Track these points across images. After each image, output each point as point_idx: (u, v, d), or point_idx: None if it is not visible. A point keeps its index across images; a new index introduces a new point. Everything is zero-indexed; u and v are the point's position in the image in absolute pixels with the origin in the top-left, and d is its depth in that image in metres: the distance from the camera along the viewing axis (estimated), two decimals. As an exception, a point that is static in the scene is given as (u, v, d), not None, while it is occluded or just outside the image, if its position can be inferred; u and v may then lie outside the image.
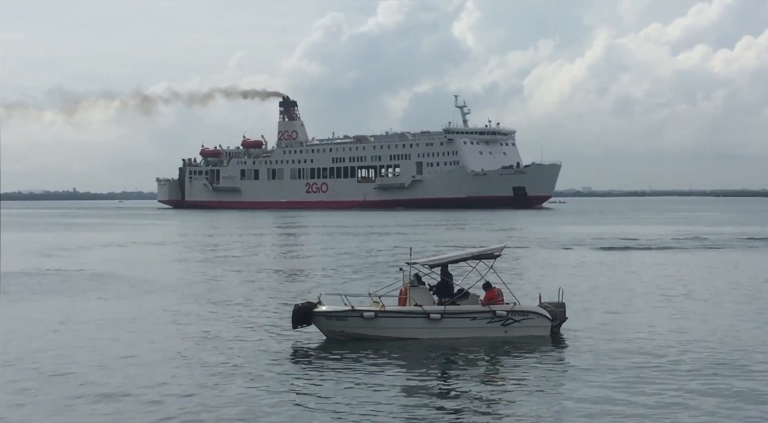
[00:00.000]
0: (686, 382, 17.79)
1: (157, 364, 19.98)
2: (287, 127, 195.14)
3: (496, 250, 23.39)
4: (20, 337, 23.52)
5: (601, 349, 21.25)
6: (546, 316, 22.78)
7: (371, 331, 22.12)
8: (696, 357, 20.28)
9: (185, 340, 22.89)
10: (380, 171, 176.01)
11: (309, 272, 41.55)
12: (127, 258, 50.81)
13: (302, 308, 22.54)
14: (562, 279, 35.61)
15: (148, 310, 28.97)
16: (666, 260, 46.92)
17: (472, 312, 22.46)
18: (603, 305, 29.09)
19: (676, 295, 31.75)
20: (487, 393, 17.17)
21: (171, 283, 36.93)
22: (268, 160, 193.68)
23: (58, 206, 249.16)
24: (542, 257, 48.92)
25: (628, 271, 41.62)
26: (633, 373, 18.54)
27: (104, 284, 36.28)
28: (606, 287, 34.39)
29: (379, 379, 18.23)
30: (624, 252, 52.94)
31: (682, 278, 37.67)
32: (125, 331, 24.51)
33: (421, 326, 22.15)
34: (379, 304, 22.57)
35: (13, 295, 32.49)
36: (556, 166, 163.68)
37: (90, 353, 21.17)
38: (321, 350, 21.49)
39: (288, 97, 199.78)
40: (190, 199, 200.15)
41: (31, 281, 37.38)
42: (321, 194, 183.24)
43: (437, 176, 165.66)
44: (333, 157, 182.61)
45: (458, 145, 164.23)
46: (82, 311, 28.59)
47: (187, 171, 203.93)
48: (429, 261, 23.37)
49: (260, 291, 34.12)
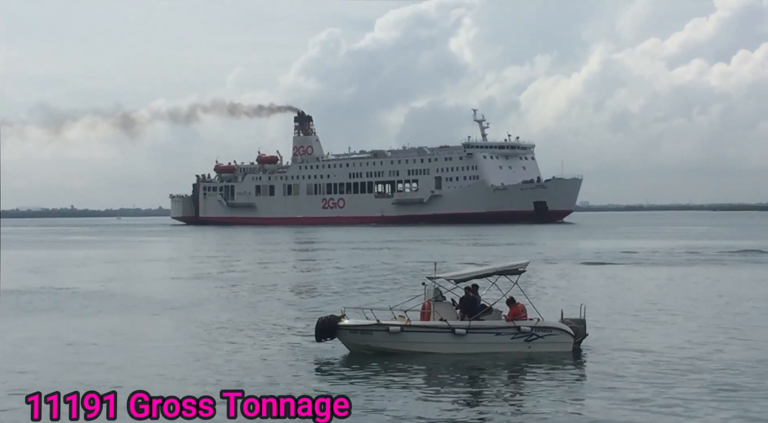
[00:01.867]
0: (707, 397, 18.29)
1: (179, 375, 20.65)
2: (302, 142, 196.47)
3: (520, 265, 23.99)
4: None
5: (622, 365, 21.73)
6: (569, 332, 23.31)
7: (396, 346, 22.71)
8: (718, 372, 20.75)
9: (208, 352, 23.55)
10: (398, 186, 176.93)
11: (329, 286, 42.21)
12: (150, 275, 51.68)
13: (326, 321, 23.16)
14: (582, 294, 36.22)
15: (170, 325, 29.70)
16: (682, 274, 47.41)
17: (497, 327, 23.04)
18: (622, 321, 29.60)
19: (695, 310, 32.29)
20: (511, 409, 17.65)
21: (191, 298, 37.68)
22: (284, 175, 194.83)
23: (63, 224, 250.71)
24: (562, 272, 49.41)
25: (647, 286, 42.06)
26: (654, 390, 19.00)
27: (128, 301, 37.08)
28: (625, 302, 34.86)
29: (403, 393, 18.77)
30: (642, 267, 53.38)
31: (702, 293, 38.17)
32: (149, 345, 25.24)
33: (446, 341, 22.73)
34: (404, 319, 23.19)
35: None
36: (578, 180, 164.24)
37: (126, 361, 21.95)
38: (345, 364, 22.11)
39: (303, 112, 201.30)
40: (204, 216, 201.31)
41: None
42: (338, 210, 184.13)
43: (457, 191, 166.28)
44: (350, 172, 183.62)
45: (478, 160, 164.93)
46: (102, 327, 29.46)
47: (201, 187, 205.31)
48: (454, 276, 23.93)
49: (281, 304, 34.83)
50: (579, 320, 23.91)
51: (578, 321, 23.88)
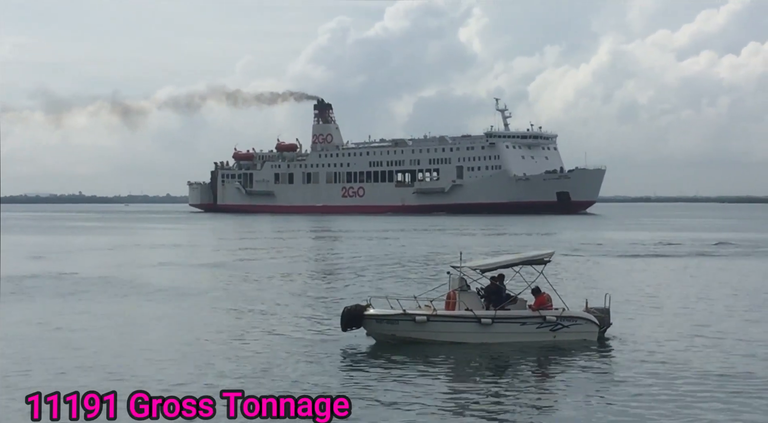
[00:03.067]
0: (733, 388, 18.63)
1: (204, 364, 21.13)
2: (322, 130, 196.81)
3: (546, 255, 24.35)
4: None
5: (648, 353, 22.14)
6: (594, 322, 23.69)
7: (422, 335, 23.11)
8: (741, 363, 21.09)
9: (234, 340, 24.06)
10: (418, 175, 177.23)
11: (352, 275, 42.73)
12: (174, 260, 52.32)
13: (352, 311, 23.58)
14: (605, 284, 36.67)
15: (195, 313, 30.26)
16: (706, 266, 47.63)
17: (523, 317, 23.41)
18: (646, 310, 30.08)
19: (717, 301, 32.73)
20: (537, 398, 18.01)
21: (216, 286, 38.27)
22: (303, 163, 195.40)
23: (78, 209, 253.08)
24: (586, 262, 49.70)
25: (669, 276, 42.48)
26: (678, 379, 19.37)
27: (152, 289, 37.71)
28: (649, 292, 35.37)
29: (430, 382, 19.15)
30: (663, 258, 53.63)
31: (725, 284, 38.44)
32: (177, 331, 25.79)
33: (472, 331, 23.12)
34: (430, 308, 23.60)
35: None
36: (601, 170, 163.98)
37: (145, 345, 22.48)
38: (371, 353, 22.54)
39: (323, 100, 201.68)
40: (222, 203, 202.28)
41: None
42: (357, 199, 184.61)
43: (479, 181, 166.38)
44: (370, 161, 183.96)
45: (500, 149, 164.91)
46: (137, 312, 30.04)
47: (220, 174, 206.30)
48: (479, 265, 24.28)
49: (306, 294, 35.34)
50: (603, 309, 24.28)
51: (602, 310, 24.26)
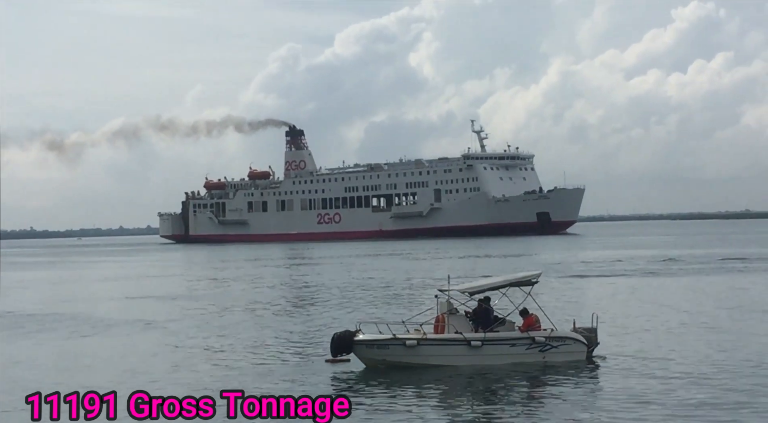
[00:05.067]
0: (719, 405, 19.32)
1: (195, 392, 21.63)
2: (295, 156, 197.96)
3: (533, 276, 25.13)
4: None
5: (634, 372, 22.91)
6: (582, 342, 24.44)
7: (413, 360, 23.71)
8: (726, 380, 21.84)
9: (224, 368, 24.54)
10: (395, 199, 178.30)
11: (335, 302, 43.33)
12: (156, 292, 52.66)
13: (342, 336, 24.22)
14: (590, 304, 37.69)
15: (184, 343, 30.73)
16: (683, 284, 48.70)
17: (512, 338, 24.11)
18: (632, 330, 30.89)
19: (698, 317, 33.77)
20: (528, 419, 18.59)
21: (200, 314, 38.74)
22: (277, 191, 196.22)
23: (31, 245, 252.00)
24: (570, 282, 50.55)
25: (653, 295, 43.40)
26: (666, 397, 20.06)
27: (137, 317, 38.12)
28: (633, 311, 36.27)
29: (421, 406, 19.71)
30: (648, 276, 54.58)
31: (709, 300, 39.43)
32: (165, 360, 26.32)
33: (462, 354, 23.77)
34: (420, 332, 24.27)
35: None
36: (580, 190, 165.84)
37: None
38: (362, 379, 23.08)
39: (294, 127, 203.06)
40: (194, 234, 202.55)
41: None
42: (333, 225, 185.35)
43: (457, 203, 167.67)
44: (345, 187, 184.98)
45: (478, 171, 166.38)
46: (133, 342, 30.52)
47: (191, 204, 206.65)
48: (467, 288, 25.00)
49: (293, 320, 35.98)
50: (590, 329, 25.06)
51: (590, 330, 25.03)
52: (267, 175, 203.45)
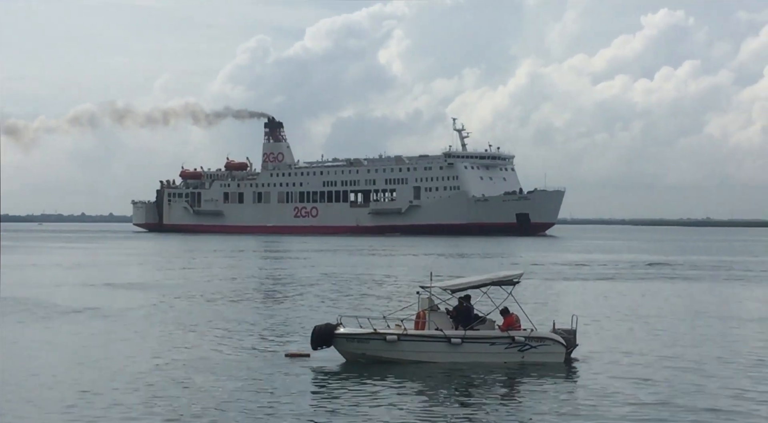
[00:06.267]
0: (694, 405, 19.96)
1: (174, 385, 21.94)
2: (273, 148, 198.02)
3: (515, 276, 25.63)
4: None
5: (612, 374, 23.52)
6: (561, 343, 24.94)
7: (392, 355, 24.17)
8: (697, 378, 22.56)
9: (204, 361, 24.92)
10: (375, 195, 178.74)
11: (317, 295, 43.92)
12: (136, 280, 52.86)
13: (323, 330, 24.62)
14: (569, 305, 38.41)
15: (172, 334, 31.08)
16: (661, 287, 49.42)
17: (492, 337, 24.60)
18: (610, 331, 31.69)
19: (673, 320, 34.61)
20: (504, 418, 19.06)
21: (183, 306, 39.07)
22: (254, 182, 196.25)
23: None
24: (550, 283, 51.19)
25: (629, 297, 44.39)
26: (643, 397, 20.71)
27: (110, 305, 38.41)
28: (610, 313, 37.11)
29: (399, 402, 20.13)
30: (624, 280, 55.36)
31: (682, 304, 40.18)
32: (144, 353, 26.64)
33: (441, 350, 24.24)
34: (400, 328, 24.72)
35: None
36: (560, 192, 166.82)
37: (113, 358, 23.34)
38: (342, 372, 23.52)
39: (273, 118, 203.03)
40: (168, 223, 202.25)
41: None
42: (310, 219, 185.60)
43: (436, 201, 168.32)
44: (324, 181, 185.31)
45: (459, 170, 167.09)
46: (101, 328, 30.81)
47: (166, 193, 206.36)
48: (449, 285, 25.46)
49: (273, 313, 36.33)
50: (570, 331, 25.60)
51: (569, 331, 25.57)
52: (244, 167, 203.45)
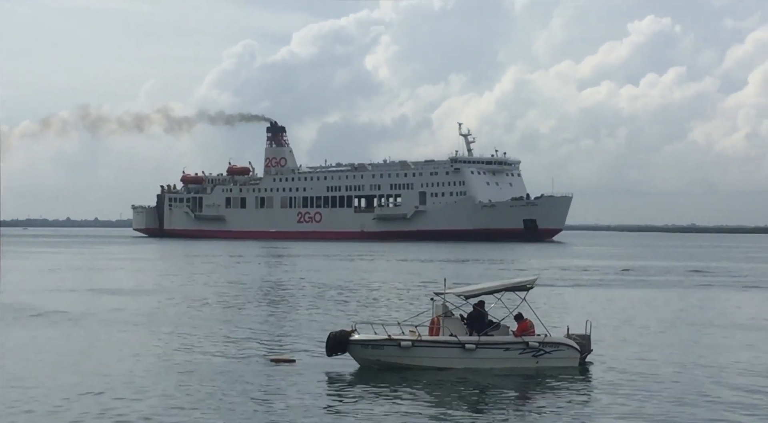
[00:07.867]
0: (708, 410, 20.45)
1: (192, 390, 22.44)
2: (275, 153, 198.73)
3: (529, 282, 26.12)
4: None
5: (627, 379, 24.00)
6: (575, 348, 25.46)
7: (407, 361, 24.65)
8: (713, 385, 23.00)
9: (219, 364, 25.41)
10: (379, 201, 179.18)
11: (330, 301, 44.47)
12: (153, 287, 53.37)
13: (337, 336, 25.13)
14: (582, 310, 39.05)
15: (181, 341, 31.60)
16: (676, 292, 49.93)
17: (506, 343, 25.09)
18: (624, 337, 32.19)
19: (690, 326, 34.98)
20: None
21: (195, 312, 39.60)
22: (257, 187, 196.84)
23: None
24: (563, 289, 51.67)
25: (642, 303, 44.84)
26: (657, 403, 21.16)
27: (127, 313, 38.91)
28: (625, 319, 37.68)
29: (414, 407, 20.59)
30: (633, 286, 55.81)
31: (696, 311, 40.65)
32: (152, 361, 27.17)
33: (456, 356, 24.73)
34: (415, 334, 25.22)
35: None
36: (568, 198, 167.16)
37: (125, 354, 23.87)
38: (357, 378, 23.99)
39: (276, 123, 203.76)
40: (169, 228, 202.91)
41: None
42: (314, 224, 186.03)
43: (442, 207, 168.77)
44: (328, 186, 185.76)
45: (465, 175, 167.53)
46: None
47: (167, 198, 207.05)
48: (463, 292, 25.98)
49: (288, 319, 37.00)
50: (584, 336, 26.12)
51: (583, 336, 26.09)
52: (246, 171, 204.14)
